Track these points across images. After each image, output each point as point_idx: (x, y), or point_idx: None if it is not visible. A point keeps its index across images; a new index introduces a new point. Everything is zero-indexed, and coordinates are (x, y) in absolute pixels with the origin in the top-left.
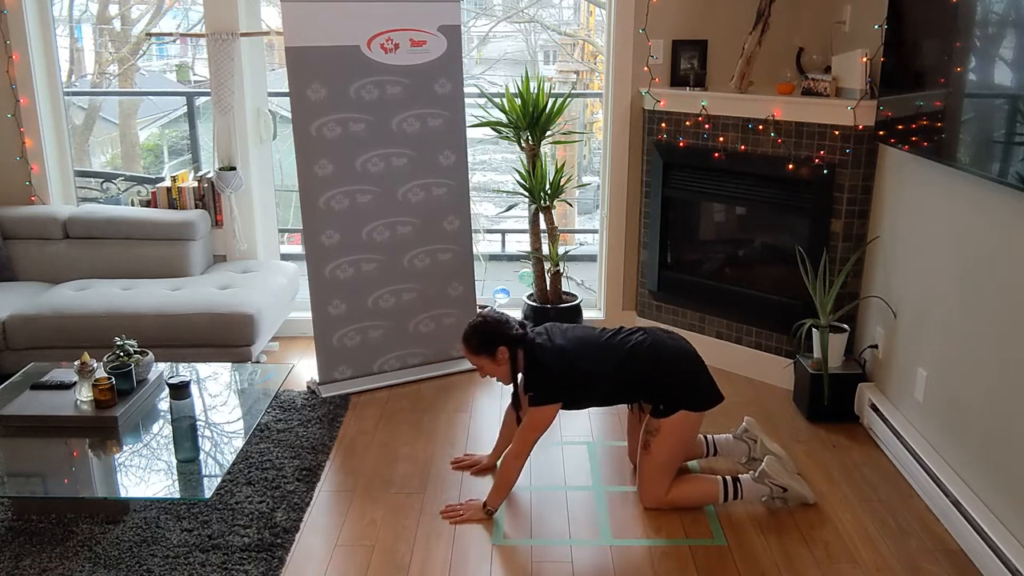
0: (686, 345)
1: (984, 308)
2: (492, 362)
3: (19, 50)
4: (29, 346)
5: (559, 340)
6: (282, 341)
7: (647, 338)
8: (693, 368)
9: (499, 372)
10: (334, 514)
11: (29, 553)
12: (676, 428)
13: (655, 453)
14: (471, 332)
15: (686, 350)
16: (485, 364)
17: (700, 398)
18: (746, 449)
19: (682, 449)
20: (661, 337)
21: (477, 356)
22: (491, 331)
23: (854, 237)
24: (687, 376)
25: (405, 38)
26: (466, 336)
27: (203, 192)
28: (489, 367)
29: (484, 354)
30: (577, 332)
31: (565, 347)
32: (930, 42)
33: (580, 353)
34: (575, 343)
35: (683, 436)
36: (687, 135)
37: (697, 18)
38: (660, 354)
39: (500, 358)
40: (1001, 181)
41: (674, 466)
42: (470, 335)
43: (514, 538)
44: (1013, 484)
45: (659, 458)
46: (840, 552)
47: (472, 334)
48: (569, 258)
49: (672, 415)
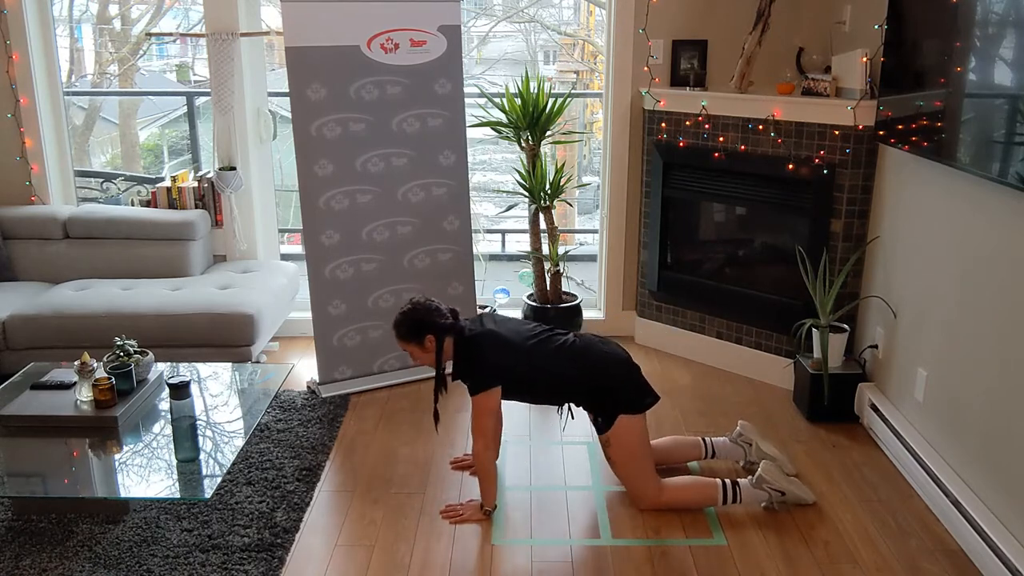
0: (618, 350)
1: (984, 308)
2: (420, 349)
3: (19, 50)
4: (29, 346)
5: (489, 324)
6: (282, 341)
7: (579, 340)
8: (622, 372)
9: (426, 359)
10: (334, 514)
11: (29, 553)
12: (624, 434)
13: (618, 463)
14: (401, 319)
15: (616, 354)
16: (413, 351)
17: (633, 400)
18: (742, 453)
19: (640, 449)
20: (593, 341)
21: (405, 343)
22: (419, 318)
23: (854, 237)
24: (616, 380)
25: (405, 38)
26: (396, 323)
27: (203, 192)
28: (417, 354)
29: (412, 341)
30: (510, 324)
31: (496, 332)
32: (930, 42)
33: (511, 340)
34: (506, 331)
35: (635, 439)
36: (687, 135)
37: (697, 18)
38: (589, 355)
39: (427, 346)
40: (1001, 181)
41: (645, 464)
42: (400, 322)
43: (514, 538)
44: (1013, 484)
45: (628, 466)
46: (840, 552)
47: (402, 321)
48: (569, 258)
49: (613, 424)
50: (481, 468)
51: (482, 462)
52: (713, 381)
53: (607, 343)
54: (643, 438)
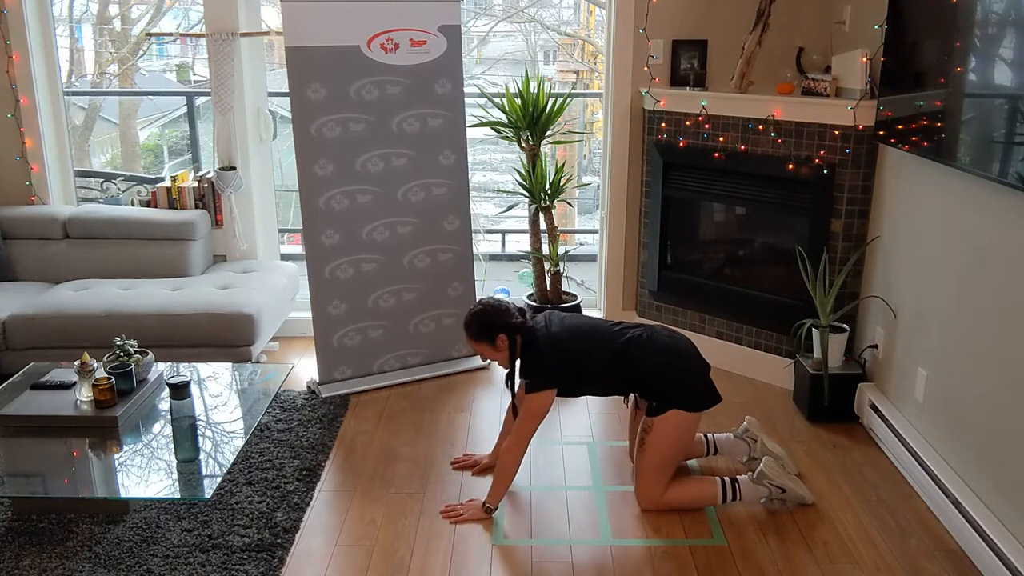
0: (684, 344)
1: (984, 308)
2: (492, 349)
3: (19, 50)
4: (29, 346)
5: (556, 328)
6: (282, 341)
7: (644, 333)
8: (686, 367)
9: (499, 358)
10: (334, 514)
11: (29, 553)
12: (669, 427)
13: (649, 452)
14: (471, 320)
15: (682, 349)
16: (485, 350)
17: (692, 398)
18: (746, 448)
19: (677, 449)
20: (659, 334)
21: (477, 343)
22: (490, 319)
23: (854, 237)
24: (679, 375)
25: (405, 38)
26: (466, 323)
27: (203, 192)
28: (489, 353)
29: (484, 341)
30: (575, 321)
31: (561, 334)
32: (930, 42)
33: (576, 340)
34: (572, 331)
35: (677, 436)
36: (687, 135)
37: (697, 18)
38: (654, 350)
39: (499, 345)
40: (1001, 181)
41: (669, 467)
42: (470, 322)
43: (514, 538)
44: (1013, 484)
45: (653, 457)
46: (840, 552)
47: (472, 321)
48: (569, 258)
49: (664, 413)
50: (504, 465)
51: (508, 460)
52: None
53: (676, 336)
54: (686, 437)
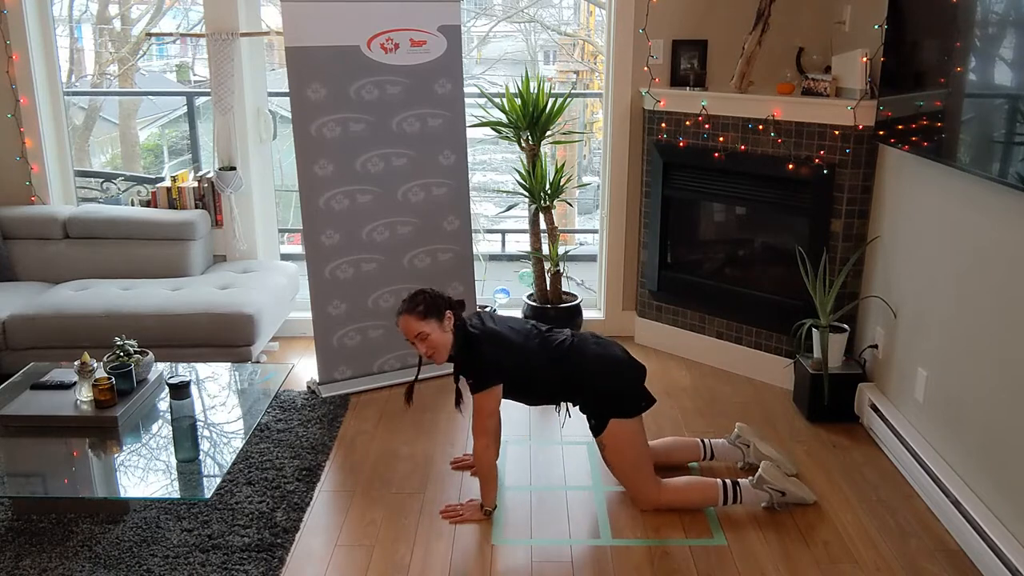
0: (612, 351)
1: (984, 308)
2: (440, 327)
3: (19, 50)
4: (29, 346)
5: (489, 323)
6: (282, 341)
7: (572, 340)
8: (611, 374)
9: (443, 340)
10: (334, 514)
11: (29, 553)
12: (618, 438)
13: (615, 466)
14: (413, 298)
15: (610, 356)
16: (433, 330)
17: (625, 406)
18: (740, 455)
19: (637, 452)
20: (586, 341)
21: (425, 320)
22: (435, 295)
23: (854, 237)
24: (603, 382)
25: (405, 38)
26: (410, 302)
27: (203, 192)
28: (436, 334)
29: (432, 318)
30: (508, 322)
31: (497, 331)
32: (930, 42)
33: (513, 336)
34: (506, 330)
35: (629, 442)
36: (687, 135)
37: (697, 18)
38: (578, 357)
39: (447, 324)
40: (1001, 181)
41: (643, 466)
42: (414, 300)
43: (514, 538)
44: (1013, 484)
45: (622, 468)
46: (840, 552)
47: (416, 300)
48: (569, 258)
49: (606, 428)
50: (482, 468)
51: (483, 462)
52: (713, 381)
53: (603, 343)
54: (637, 441)
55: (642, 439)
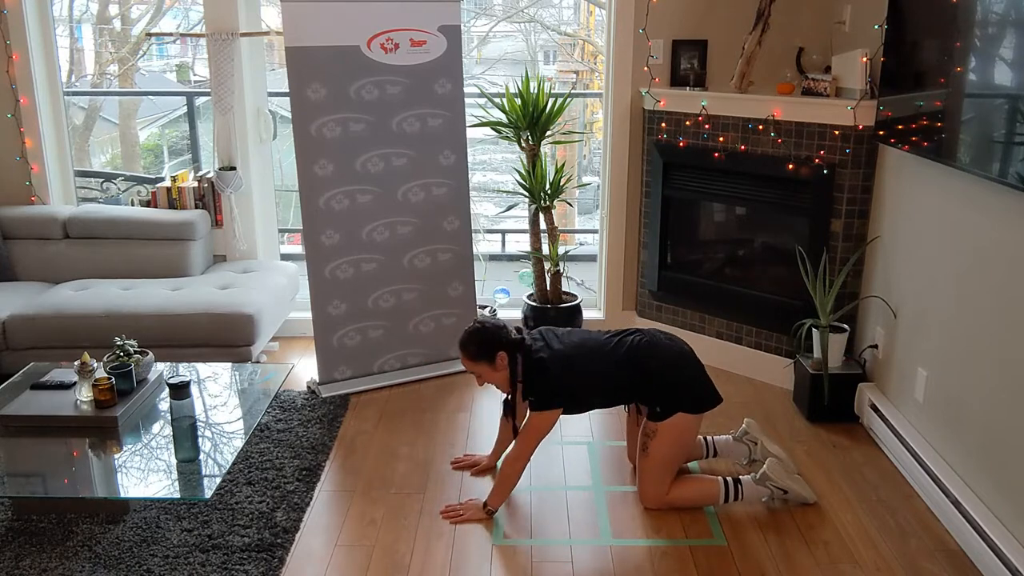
0: (683, 346)
1: (984, 308)
2: (491, 368)
3: (19, 50)
4: (29, 346)
5: (556, 345)
6: (282, 341)
7: (644, 339)
8: (689, 370)
9: (497, 378)
10: (334, 514)
11: (29, 553)
12: (674, 430)
13: (653, 455)
14: (468, 338)
15: (683, 351)
16: (484, 371)
17: (697, 400)
18: (746, 451)
19: (680, 451)
20: (658, 338)
21: (475, 363)
22: (489, 337)
23: (854, 237)
24: (683, 378)
25: (405, 38)
26: (463, 343)
27: (203, 192)
28: (488, 374)
29: (483, 360)
30: (574, 337)
31: (563, 351)
32: (930, 42)
33: (578, 357)
34: (572, 347)
35: (681, 438)
36: (687, 135)
37: (697, 18)
38: (656, 355)
39: (499, 364)
40: (1001, 181)
41: (673, 467)
42: (467, 341)
43: (514, 538)
44: (1013, 484)
45: (657, 460)
46: (840, 552)
47: (469, 340)
48: (569, 258)
49: (669, 417)
50: (506, 474)
51: (510, 471)
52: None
53: (674, 339)
54: (687, 438)
55: (692, 438)
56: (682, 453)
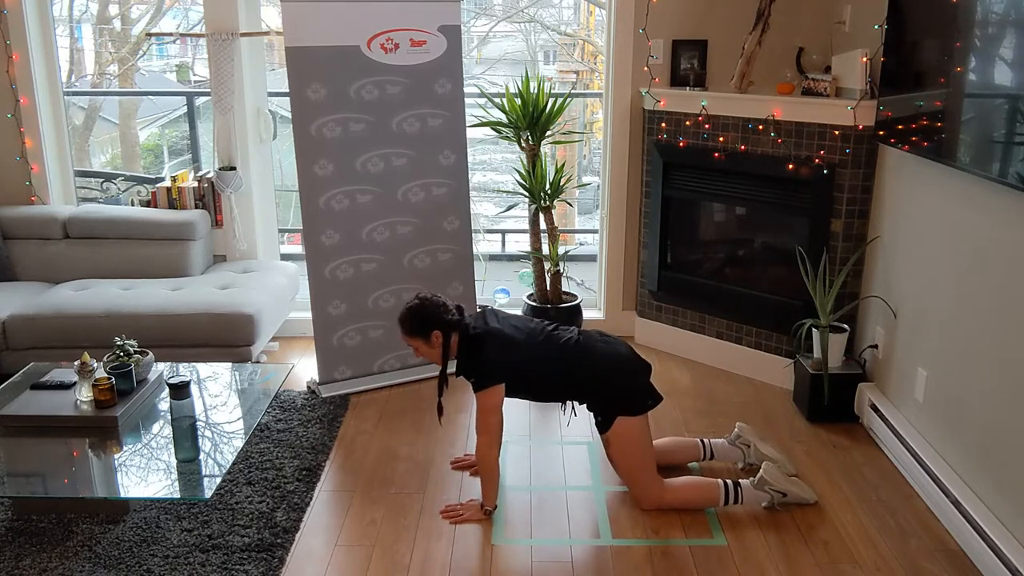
0: (618, 348)
1: (984, 308)
2: (426, 345)
3: (19, 50)
4: (29, 346)
5: (493, 323)
6: (282, 341)
7: (578, 338)
8: (620, 375)
9: (432, 355)
10: (334, 514)
11: (29, 553)
12: (623, 436)
13: (620, 464)
14: (406, 314)
15: (617, 354)
16: (419, 346)
17: (631, 402)
18: (740, 455)
19: (642, 451)
20: (593, 339)
21: (411, 338)
22: (426, 314)
23: (854, 237)
24: (612, 384)
25: (405, 38)
26: (401, 318)
27: (203, 192)
28: (423, 349)
29: (418, 336)
30: (511, 320)
31: (500, 329)
32: (930, 42)
33: (514, 336)
34: (511, 327)
35: (634, 440)
36: (687, 135)
37: (697, 18)
38: (586, 360)
39: (434, 342)
40: (1001, 181)
41: (647, 466)
42: (405, 317)
43: (514, 538)
44: (1013, 484)
45: (626, 467)
46: (840, 552)
47: (407, 317)
48: (569, 258)
49: (612, 426)
50: (484, 466)
51: (486, 460)
52: (713, 381)
53: (609, 341)
54: (642, 439)
55: (647, 438)
56: (646, 450)
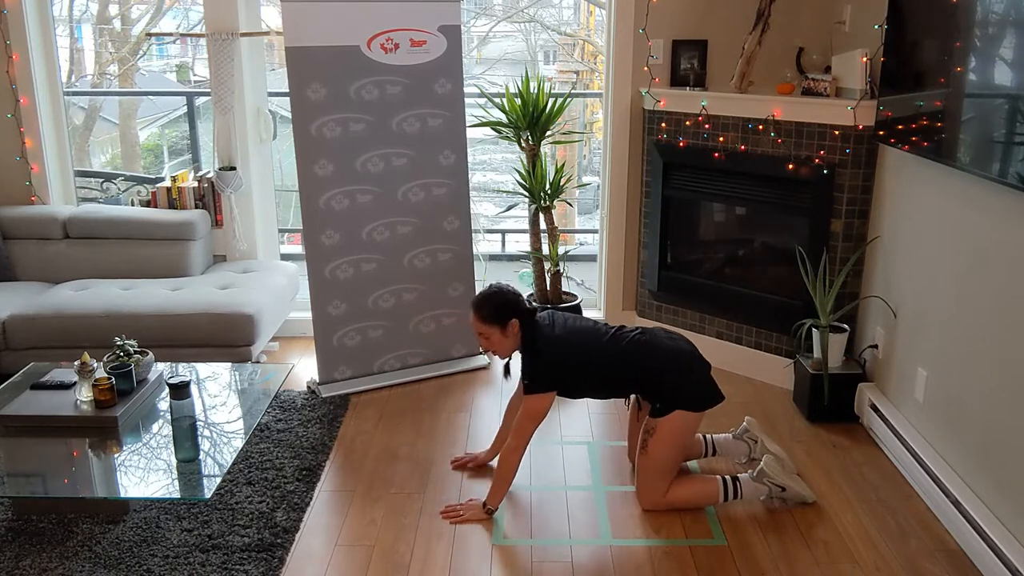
0: (685, 345)
1: (984, 308)
2: (501, 333)
3: (19, 50)
4: (29, 346)
5: (558, 330)
6: (282, 341)
7: (645, 336)
8: (688, 368)
9: (505, 345)
10: (334, 514)
11: (29, 553)
12: (673, 428)
13: (652, 453)
14: (485, 300)
15: (683, 350)
16: (494, 334)
17: (695, 398)
18: (746, 449)
19: (679, 450)
20: (659, 336)
21: (487, 324)
22: (506, 301)
23: (854, 237)
24: (681, 376)
25: (405, 38)
26: (478, 303)
27: (203, 192)
28: (497, 338)
29: (495, 324)
30: (578, 323)
31: (563, 336)
32: (930, 42)
33: (577, 343)
34: (574, 333)
35: (680, 436)
36: (687, 135)
37: (697, 18)
38: (655, 353)
39: (510, 331)
40: (1001, 181)
41: (672, 468)
42: (483, 302)
43: (514, 538)
44: (1013, 484)
45: (657, 459)
46: (840, 552)
47: (486, 302)
48: (569, 258)
49: (668, 415)
50: (504, 466)
51: (507, 462)
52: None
53: (674, 338)
54: (687, 438)
55: (691, 438)
56: (680, 453)
